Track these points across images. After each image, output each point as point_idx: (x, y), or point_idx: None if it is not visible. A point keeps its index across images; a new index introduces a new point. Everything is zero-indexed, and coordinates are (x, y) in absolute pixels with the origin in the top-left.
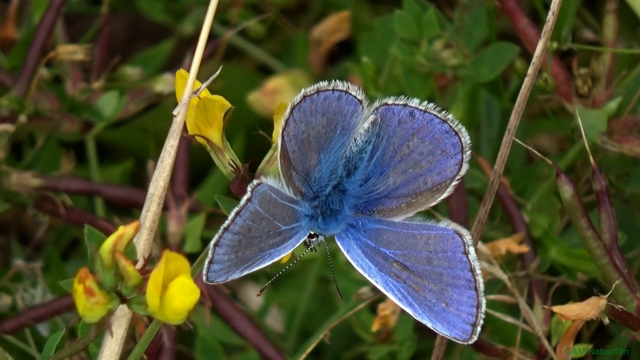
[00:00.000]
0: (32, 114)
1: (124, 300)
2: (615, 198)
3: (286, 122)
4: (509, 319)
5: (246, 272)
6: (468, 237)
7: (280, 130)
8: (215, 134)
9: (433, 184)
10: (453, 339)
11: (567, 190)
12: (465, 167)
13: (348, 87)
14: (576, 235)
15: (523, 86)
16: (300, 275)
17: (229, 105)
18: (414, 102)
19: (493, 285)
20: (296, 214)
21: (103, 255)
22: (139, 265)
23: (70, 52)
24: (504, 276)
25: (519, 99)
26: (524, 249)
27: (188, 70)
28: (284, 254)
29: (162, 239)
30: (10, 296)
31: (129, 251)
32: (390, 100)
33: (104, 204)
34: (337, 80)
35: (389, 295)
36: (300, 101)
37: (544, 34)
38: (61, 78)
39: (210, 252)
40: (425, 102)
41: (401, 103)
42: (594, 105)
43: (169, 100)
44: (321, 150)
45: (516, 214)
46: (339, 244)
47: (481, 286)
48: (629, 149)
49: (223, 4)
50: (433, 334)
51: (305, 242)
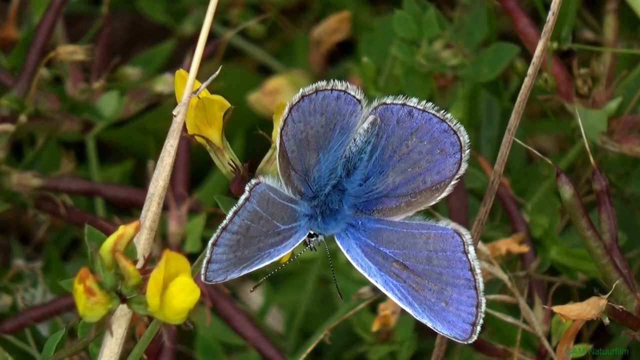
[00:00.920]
0: (33, 114)
1: (124, 299)
2: (616, 198)
3: (284, 122)
4: (509, 319)
5: (245, 272)
6: (467, 237)
7: (278, 130)
8: (214, 134)
9: (432, 183)
10: (453, 339)
11: (568, 190)
12: (464, 166)
13: (347, 87)
14: (576, 235)
15: (523, 86)
16: (300, 275)
17: (228, 105)
18: (413, 102)
19: (493, 285)
20: (295, 213)
21: (103, 255)
22: (139, 265)
23: (71, 52)
24: (504, 276)
25: (519, 99)
26: (524, 249)
27: (188, 70)
28: (283, 254)
29: (163, 239)
30: (11, 296)
31: (129, 251)
32: (388, 100)
33: (104, 204)
34: (336, 80)
35: (389, 294)
36: (298, 101)
37: (544, 34)
38: (61, 78)
39: (208, 252)
40: (424, 102)
41: (400, 102)
42: (594, 105)
43: (169, 100)
44: (320, 150)
45: (516, 214)
46: (338, 243)
47: (481, 286)
48: (629, 149)
49: (223, 4)
50: (433, 334)
51: (304, 242)
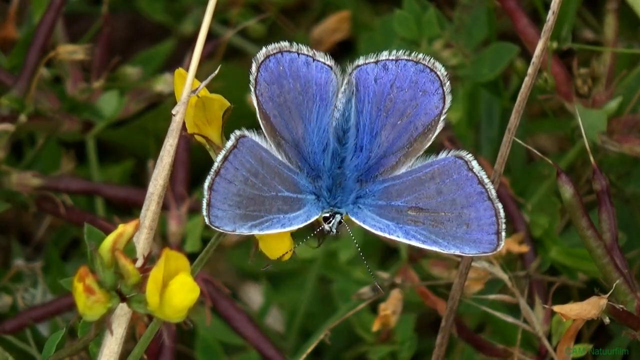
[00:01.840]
0: (33, 114)
1: (123, 298)
2: (616, 198)
3: (256, 81)
4: (509, 319)
5: (255, 231)
6: (469, 156)
7: (251, 89)
8: (214, 133)
9: (423, 127)
10: (483, 254)
11: (568, 190)
12: (448, 99)
13: (314, 54)
14: (576, 235)
15: (523, 86)
16: (300, 275)
17: (228, 104)
18: (384, 55)
19: (493, 285)
20: (297, 185)
21: (103, 254)
22: (139, 263)
23: (71, 52)
24: (504, 276)
25: (519, 98)
26: (524, 248)
27: (187, 70)
28: (295, 226)
29: (163, 239)
30: (11, 296)
31: (129, 250)
32: (361, 61)
33: (104, 204)
34: (302, 45)
35: (413, 242)
36: (263, 59)
37: (544, 33)
38: (61, 78)
39: (205, 194)
40: (394, 51)
41: (372, 60)
42: (594, 105)
43: (169, 100)
44: (305, 120)
45: (516, 214)
46: (353, 219)
47: (493, 193)
48: (629, 148)
49: (223, 4)
50: (434, 334)
51: (324, 229)
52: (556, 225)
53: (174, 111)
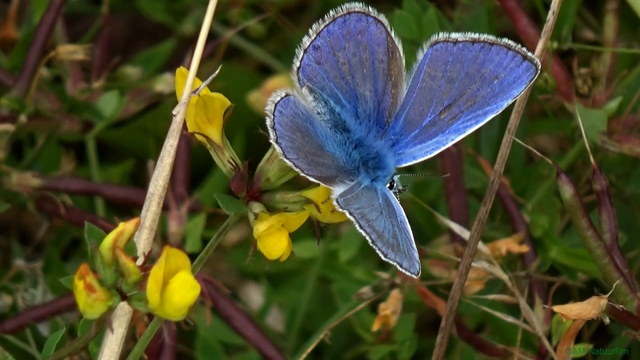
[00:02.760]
0: (33, 114)
1: (124, 297)
2: (616, 198)
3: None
4: (509, 319)
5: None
6: (443, 35)
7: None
8: (215, 132)
9: (391, 76)
10: (532, 82)
11: (568, 190)
12: (397, 41)
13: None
14: (576, 235)
15: None
16: (300, 275)
17: (229, 103)
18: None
19: (493, 285)
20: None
21: (103, 252)
22: (139, 262)
23: (71, 52)
24: (504, 276)
25: (519, 98)
26: (525, 248)
27: (188, 69)
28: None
29: (163, 239)
30: (11, 296)
31: (129, 249)
32: (297, 64)
33: (104, 204)
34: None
35: (471, 130)
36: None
37: (544, 33)
38: (61, 78)
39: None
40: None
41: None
42: (594, 105)
43: (169, 100)
44: (316, 148)
45: (516, 214)
46: (404, 165)
47: (490, 38)
48: (629, 148)
49: (223, 4)
50: (434, 334)
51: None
52: (556, 226)
53: (174, 111)
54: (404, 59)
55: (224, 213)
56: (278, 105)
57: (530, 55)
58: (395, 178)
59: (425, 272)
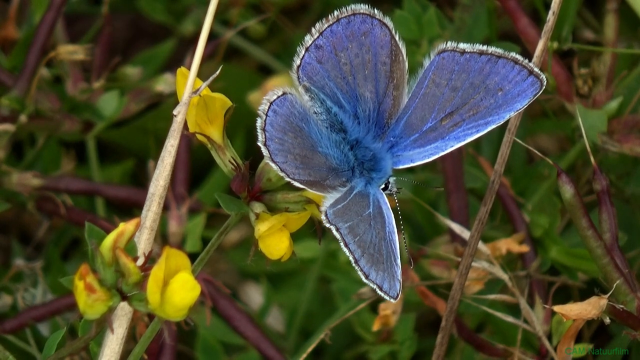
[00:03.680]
0: (33, 114)
1: (124, 297)
2: (616, 198)
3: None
4: (509, 319)
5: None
6: (451, 44)
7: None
8: (216, 132)
9: (394, 78)
10: (533, 97)
11: (568, 190)
12: (401, 45)
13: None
14: (577, 235)
15: None
16: (300, 275)
17: (229, 103)
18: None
19: (493, 285)
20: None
21: (104, 252)
22: (140, 262)
23: (71, 52)
24: (504, 276)
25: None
26: (525, 248)
27: (189, 69)
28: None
29: (163, 239)
30: (11, 296)
31: (130, 249)
32: (297, 62)
33: (105, 204)
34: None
35: (471, 139)
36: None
37: (544, 33)
38: (62, 78)
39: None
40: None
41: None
42: (595, 105)
43: (170, 100)
44: (307, 150)
45: (517, 214)
46: (402, 167)
47: (498, 51)
48: (630, 148)
49: (223, 4)
50: (434, 334)
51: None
52: (556, 225)
53: (175, 111)
54: (407, 62)
55: (224, 213)
56: (273, 104)
57: (537, 71)
58: (391, 180)
59: (425, 272)
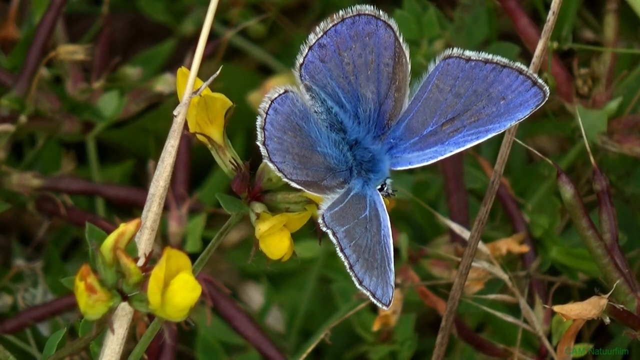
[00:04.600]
0: (33, 114)
1: (125, 297)
2: (616, 198)
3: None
4: (509, 319)
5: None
6: (457, 50)
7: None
8: (216, 132)
9: (396, 80)
10: (535, 109)
11: (568, 190)
12: (405, 47)
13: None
14: (577, 235)
15: None
16: (300, 275)
17: (230, 103)
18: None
19: (493, 285)
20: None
21: (104, 253)
22: (140, 263)
23: (71, 52)
24: (504, 276)
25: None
26: (525, 248)
27: (189, 69)
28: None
29: (163, 239)
30: (11, 296)
31: (130, 249)
32: (300, 60)
33: (105, 204)
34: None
35: (471, 145)
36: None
37: (544, 33)
38: (62, 78)
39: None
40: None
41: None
42: (594, 105)
43: (170, 100)
44: (306, 149)
45: (517, 214)
46: (399, 169)
47: (503, 60)
48: (630, 149)
49: (223, 4)
50: (434, 334)
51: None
52: (556, 226)
53: (175, 112)
54: (409, 65)
55: (224, 213)
56: (274, 102)
57: (540, 82)
58: (388, 181)
59: (426, 272)
